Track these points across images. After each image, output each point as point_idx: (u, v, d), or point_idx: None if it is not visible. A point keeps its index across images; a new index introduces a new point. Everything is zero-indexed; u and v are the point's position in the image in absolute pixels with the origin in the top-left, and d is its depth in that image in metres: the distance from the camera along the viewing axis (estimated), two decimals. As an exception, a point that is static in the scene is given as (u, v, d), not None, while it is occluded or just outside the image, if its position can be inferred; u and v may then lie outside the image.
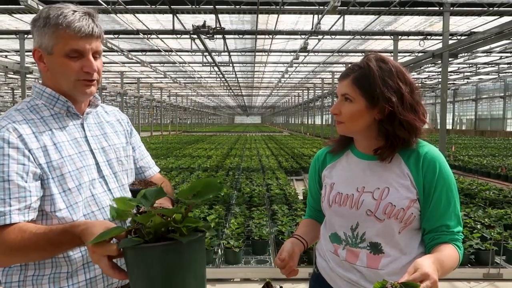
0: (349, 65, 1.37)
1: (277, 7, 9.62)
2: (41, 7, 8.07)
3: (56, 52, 1.19)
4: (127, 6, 9.29)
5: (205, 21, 10.29)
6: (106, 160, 1.32)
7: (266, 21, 11.45)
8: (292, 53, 15.93)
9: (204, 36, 11.24)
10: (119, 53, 14.89)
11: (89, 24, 1.19)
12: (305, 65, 20.34)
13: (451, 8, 9.36)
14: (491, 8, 9.32)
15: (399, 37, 12.27)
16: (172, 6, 9.50)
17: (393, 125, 1.27)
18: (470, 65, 20.82)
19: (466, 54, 15.12)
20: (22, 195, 1.09)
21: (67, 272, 1.17)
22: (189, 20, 10.92)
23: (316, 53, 16.39)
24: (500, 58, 18.52)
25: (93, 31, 1.20)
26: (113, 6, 9.15)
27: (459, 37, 11.56)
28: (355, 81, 1.30)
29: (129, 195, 1.34)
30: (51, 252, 1.10)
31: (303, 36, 12.32)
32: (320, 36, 12.34)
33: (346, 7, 9.24)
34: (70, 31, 1.17)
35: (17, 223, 1.08)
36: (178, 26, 11.10)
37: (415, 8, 9.57)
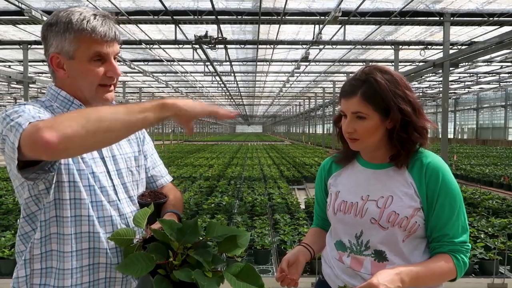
0: (349, 79, 1.34)
1: (279, 17, 9.68)
2: (45, 18, 8.14)
3: (78, 57, 1.15)
4: (129, 17, 9.37)
5: (207, 31, 10.37)
6: (116, 169, 1.29)
7: (268, 31, 11.52)
8: (293, 63, 16.00)
9: (206, 46, 11.34)
10: (122, 63, 14.97)
11: (111, 28, 1.18)
12: (306, 74, 20.43)
13: (452, 18, 9.40)
14: (491, 18, 9.36)
15: (400, 46, 12.33)
16: (174, 17, 9.58)
17: (408, 132, 1.29)
18: (471, 74, 20.88)
19: (466, 63, 15.16)
20: None
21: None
22: (191, 30, 11.00)
23: (317, 63, 16.45)
24: (501, 68, 18.57)
25: (116, 35, 1.20)
26: (116, 17, 9.18)
27: (459, 47, 11.61)
28: (366, 97, 1.28)
29: (137, 207, 1.32)
30: (122, 119, 0.96)
31: (304, 46, 12.38)
32: (321, 46, 12.41)
33: (347, 17, 9.30)
34: (96, 36, 1.14)
35: None
36: (180, 36, 11.17)
37: (415, 18, 9.60)
